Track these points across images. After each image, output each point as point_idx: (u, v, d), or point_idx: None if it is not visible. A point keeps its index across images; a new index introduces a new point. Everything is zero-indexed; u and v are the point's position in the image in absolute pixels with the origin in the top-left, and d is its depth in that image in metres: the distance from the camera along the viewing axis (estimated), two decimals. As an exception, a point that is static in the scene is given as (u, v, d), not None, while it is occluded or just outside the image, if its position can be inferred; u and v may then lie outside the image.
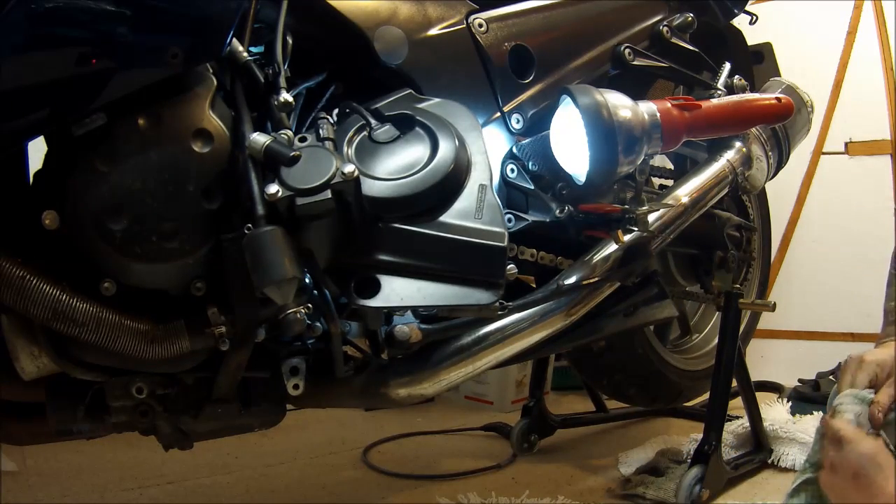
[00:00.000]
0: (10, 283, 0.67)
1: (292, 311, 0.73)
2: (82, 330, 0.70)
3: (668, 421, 1.85)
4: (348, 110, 0.89)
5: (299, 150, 0.77)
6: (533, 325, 1.00)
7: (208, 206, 0.75)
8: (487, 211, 0.85)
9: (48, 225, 0.70)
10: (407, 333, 0.90)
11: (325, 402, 1.02)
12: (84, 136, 0.70)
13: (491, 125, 1.03)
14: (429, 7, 1.00)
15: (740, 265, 1.61)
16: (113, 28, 0.67)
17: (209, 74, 0.78)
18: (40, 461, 1.47)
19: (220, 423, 0.87)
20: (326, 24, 0.92)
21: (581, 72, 1.15)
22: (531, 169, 1.02)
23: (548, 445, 1.65)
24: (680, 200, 1.20)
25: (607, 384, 1.64)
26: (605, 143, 0.94)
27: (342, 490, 1.41)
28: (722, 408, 1.31)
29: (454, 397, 2.13)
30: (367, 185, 0.81)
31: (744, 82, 1.38)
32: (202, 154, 0.75)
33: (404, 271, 0.82)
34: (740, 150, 1.32)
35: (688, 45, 1.32)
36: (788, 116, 1.18)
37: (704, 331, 1.83)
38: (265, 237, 0.72)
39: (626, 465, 1.47)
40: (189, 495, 1.35)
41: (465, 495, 1.30)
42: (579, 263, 1.05)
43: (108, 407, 0.80)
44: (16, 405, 0.84)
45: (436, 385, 0.96)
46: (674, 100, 1.03)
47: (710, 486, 1.25)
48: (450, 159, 0.84)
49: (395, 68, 0.94)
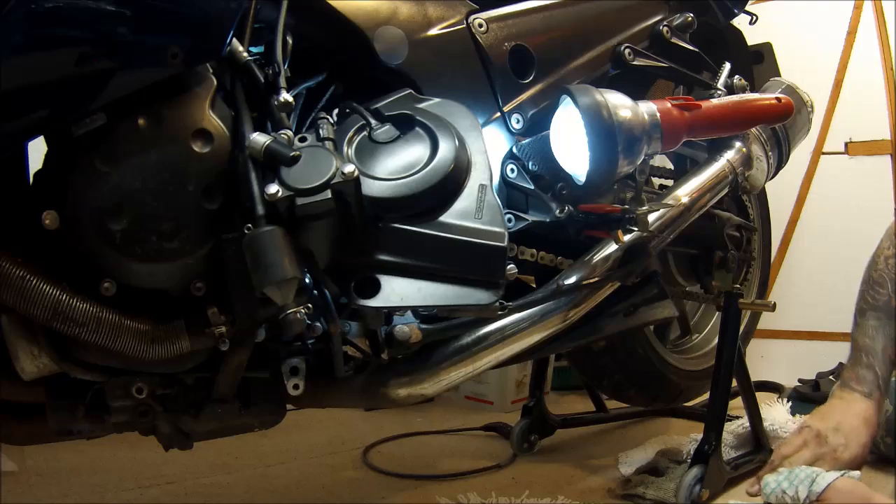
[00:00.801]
0: (10, 283, 0.67)
1: (292, 311, 0.73)
2: (82, 330, 0.70)
3: (668, 421, 1.85)
4: (348, 110, 0.89)
5: (299, 150, 0.77)
6: (533, 325, 1.00)
7: (208, 206, 0.75)
8: (487, 211, 0.85)
9: (48, 225, 0.70)
10: (407, 333, 0.90)
11: (325, 402, 1.02)
12: (84, 136, 0.70)
13: (491, 125, 1.03)
14: (429, 7, 1.00)
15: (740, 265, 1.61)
16: (113, 28, 0.67)
17: (209, 74, 0.78)
18: (40, 461, 1.47)
19: (220, 423, 0.87)
20: (326, 24, 0.92)
21: (581, 72, 1.15)
22: (531, 169, 1.02)
23: (548, 445, 1.65)
24: (680, 200, 1.20)
25: (607, 384, 1.64)
26: (605, 143, 0.94)
27: (342, 490, 1.41)
28: (722, 408, 1.31)
29: (454, 397, 2.13)
30: (367, 185, 0.81)
31: (744, 82, 1.38)
32: (202, 154, 0.75)
33: (404, 271, 0.82)
34: (740, 150, 1.32)
35: (688, 45, 1.32)
36: (788, 116, 1.18)
37: (704, 331, 1.83)
38: (265, 237, 0.72)
39: (626, 465, 1.47)
40: (189, 495, 1.35)
41: (465, 495, 1.30)
42: (579, 263, 1.05)
43: (108, 407, 0.80)
44: (16, 405, 0.84)
45: (436, 385, 0.96)
46: (674, 100, 1.03)
47: (710, 486, 1.25)
48: (450, 159, 0.84)
49: (395, 68, 0.94)
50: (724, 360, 1.33)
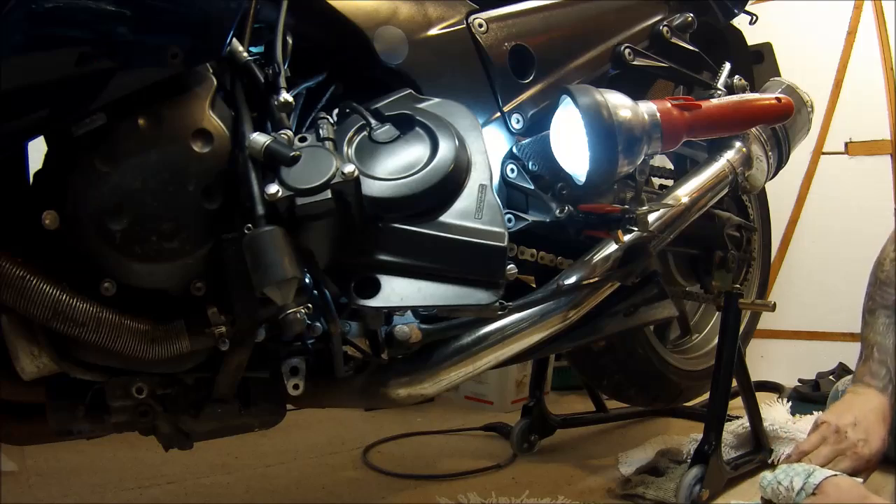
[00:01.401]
0: (10, 283, 0.67)
1: (292, 311, 0.73)
2: (82, 330, 0.70)
3: (668, 421, 1.85)
4: (348, 110, 0.89)
5: (299, 150, 0.77)
6: (533, 325, 1.00)
7: (208, 206, 0.75)
8: (487, 211, 0.85)
9: (48, 225, 0.70)
10: (407, 333, 0.90)
11: (325, 402, 1.02)
12: (84, 136, 0.70)
13: (491, 125, 1.03)
14: (429, 7, 1.00)
15: (740, 265, 1.61)
16: (113, 28, 0.67)
17: (209, 74, 0.78)
18: (40, 461, 1.47)
19: (220, 423, 0.87)
20: (326, 24, 0.92)
21: (581, 72, 1.15)
22: (531, 169, 1.02)
23: (548, 445, 1.65)
24: (680, 200, 1.20)
25: (607, 384, 1.64)
26: (605, 143, 0.94)
27: (342, 490, 1.40)
28: (722, 408, 1.31)
29: (454, 397, 2.13)
30: (367, 185, 0.81)
31: (744, 82, 1.38)
32: (202, 154, 0.75)
33: (404, 271, 0.82)
34: (740, 150, 1.32)
35: (688, 45, 1.32)
36: (788, 116, 1.18)
37: (704, 331, 1.83)
38: (265, 237, 0.72)
39: (626, 465, 1.47)
40: (189, 495, 1.35)
41: (465, 495, 1.30)
42: (579, 263, 1.05)
43: (108, 407, 0.80)
44: (16, 405, 0.84)
45: (436, 385, 0.96)
46: (674, 100, 1.03)
47: (710, 486, 1.25)
48: (450, 159, 0.84)
49: (395, 68, 0.94)
50: (724, 360, 1.33)
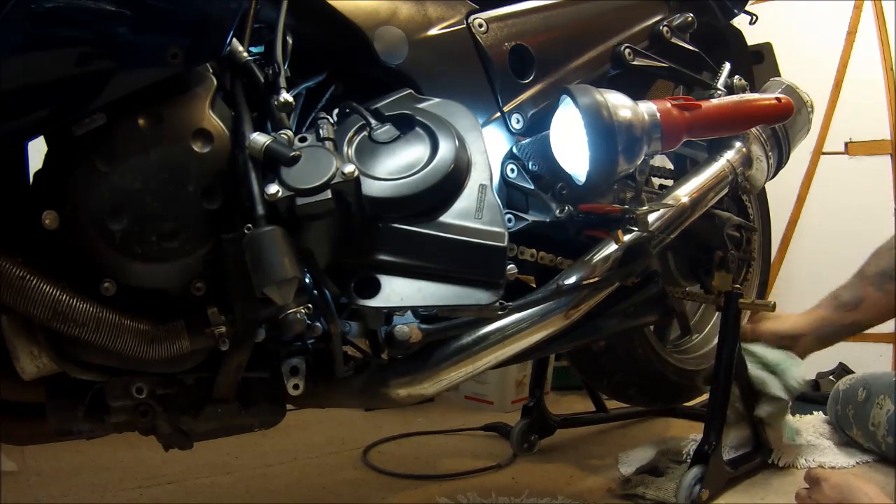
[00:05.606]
0: (10, 283, 0.67)
1: (292, 311, 0.73)
2: (82, 330, 0.70)
3: (668, 421, 1.84)
4: (348, 110, 0.89)
5: (299, 150, 0.77)
6: (533, 325, 1.00)
7: (208, 206, 0.75)
8: (487, 211, 0.85)
9: (48, 225, 0.70)
10: (407, 333, 0.90)
11: (325, 402, 1.02)
12: (84, 136, 0.70)
13: (491, 125, 1.03)
14: (429, 7, 1.00)
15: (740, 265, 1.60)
16: (113, 28, 0.67)
17: (209, 74, 0.78)
18: (40, 461, 1.47)
19: (220, 423, 0.87)
20: (326, 24, 0.92)
21: (581, 72, 1.15)
22: (531, 169, 1.02)
23: (548, 445, 1.65)
24: (680, 200, 1.19)
25: (607, 384, 1.64)
26: (605, 143, 0.94)
27: (342, 490, 1.40)
28: (722, 408, 1.31)
29: (454, 397, 2.13)
30: (367, 185, 0.81)
31: (744, 82, 1.38)
32: (202, 154, 0.75)
33: (404, 271, 0.82)
34: (740, 150, 1.32)
35: (688, 45, 1.32)
36: (788, 116, 1.18)
37: (704, 331, 1.83)
38: (265, 237, 0.72)
39: (626, 465, 1.47)
40: (189, 495, 1.35)
41: (465, 495, 1.30)
42: (579, 263, 1.05)
43: (108, 407, 0.80)
44: (16, 405, 0.84)
45: (436, 385, 0.96)
46: (674, 100, 1.03)
47: (710, 486, 1.25)
48: (450, 159, 0.84)
49: (395, 68, 0.94)
50: (724, 360, 1.33)
